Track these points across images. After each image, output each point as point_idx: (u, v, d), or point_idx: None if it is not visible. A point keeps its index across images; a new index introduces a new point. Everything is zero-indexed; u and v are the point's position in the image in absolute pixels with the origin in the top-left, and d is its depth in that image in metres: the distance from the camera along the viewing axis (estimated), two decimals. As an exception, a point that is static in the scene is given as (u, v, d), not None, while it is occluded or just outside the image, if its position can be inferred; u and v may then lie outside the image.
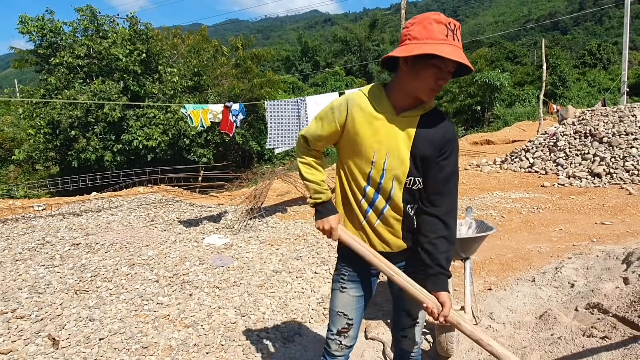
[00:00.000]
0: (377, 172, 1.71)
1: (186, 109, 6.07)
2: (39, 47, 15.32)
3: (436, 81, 1.58)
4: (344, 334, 1.92)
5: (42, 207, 7.48)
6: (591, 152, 9.88)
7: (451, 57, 1.50)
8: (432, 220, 1.71)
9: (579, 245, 5.05)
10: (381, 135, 1.67)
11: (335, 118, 1.73)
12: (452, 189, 1.74)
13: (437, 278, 1.69)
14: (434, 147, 1.68)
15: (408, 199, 1.74)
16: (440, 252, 1.69)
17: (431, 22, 1.55)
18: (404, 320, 1.97)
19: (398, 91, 1.68)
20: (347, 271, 1.90)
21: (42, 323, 3.35)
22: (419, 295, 1.70)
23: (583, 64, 42.51)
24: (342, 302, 1.91)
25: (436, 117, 1.71)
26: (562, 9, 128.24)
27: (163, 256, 4.85)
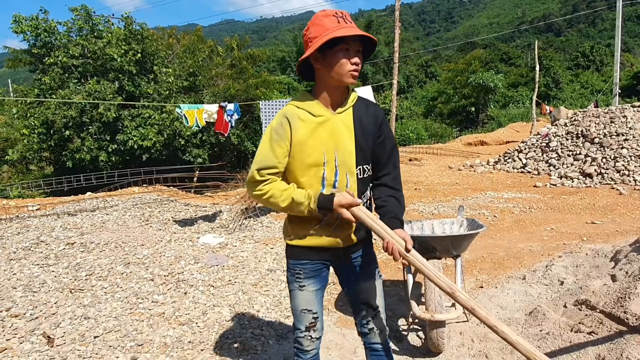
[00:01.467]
0: (330, 171, 1.78)
1: (181, 109, 6.09)
2: (33, 46, 15.22)
3: (350, 62, 1.70)
4: (312, 329, 1.97)
5: (36, 207, 7.47)
6: (583, 153, 9.99)
7: (348, 33, 1.65)
8: (382, 188, 1.88)
9: (569, 244, 5.12)
10: (326, 135, 1.77)
11: (282, 137, 1.75)
12: (395, 161, 1.90)
13: (392, 220, 1.79)
14: (372, 131, 1.84)
15: (362, 189, 1.86)
16: (393, 206, 1.83)
17: (321, 19, 1.72)
18: (366, 312, 1.98)
19: (324, 91, 1.80)
20: (301, 269, 1.93)
21: (37, 321, 3.36)
22: (380, 231, 1.74)
23: (576, 66, 42.80)
24: (304, 299, 1.95)
25: (364, 105, 1.87)
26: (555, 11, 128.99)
27: (158, 255, 4.88)
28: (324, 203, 1.73)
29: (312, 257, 1.91)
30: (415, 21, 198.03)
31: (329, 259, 1.95)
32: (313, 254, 1.90)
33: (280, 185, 1.78)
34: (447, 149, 18.15)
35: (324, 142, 1.77)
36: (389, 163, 1.88)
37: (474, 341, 3.08)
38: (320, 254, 1.91)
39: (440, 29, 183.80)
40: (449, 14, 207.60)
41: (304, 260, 1.92)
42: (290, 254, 1.96)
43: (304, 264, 1.92)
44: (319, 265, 1.94)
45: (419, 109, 34.98)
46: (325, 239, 1.86)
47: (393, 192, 1.87)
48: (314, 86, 1.84)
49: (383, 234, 1.73)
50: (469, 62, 32.59)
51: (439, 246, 3.04)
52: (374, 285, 1.98)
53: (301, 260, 1.92)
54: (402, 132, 24.89)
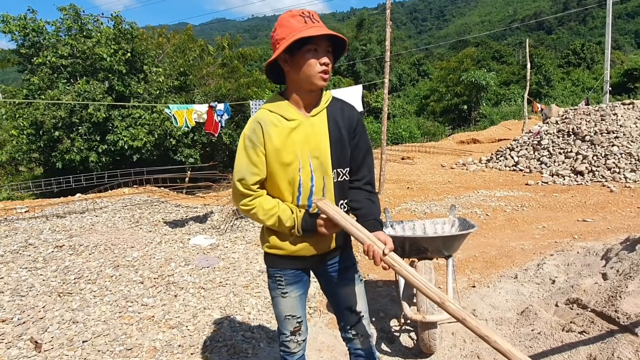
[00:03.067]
0: (306, 175, 1.74)
1: (170, 110, 6.03)
2: (21, 46, 15.09)
3: (319, 63, 1.66)
4: (297, 333, 1.97)
5: (25, 209, 7.37)
6: (574, 151, 10.05)
7: (315, 33, 1.60)
8: (357, 191, 1.84)
9: (561, 242, 5.13)
10: (300, 139, 1.73)
11: (255, 144, 1.72)
12: (370, 163, 1.87)
13: (371, 223, 1.76)
14: (347, 132, 1.80)
15: (339, 194, 1.81)
16: (369, 207, 1.80)
17: (287, 19, 1.67)
18: (349, 317, 1.95)
19: (296, 94, 1.75)
20: (281, 276, 1.91)
21: (24, 326, 3.31)
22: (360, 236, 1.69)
23: (567, 64, 43.12)
24: (287, 306, 1.93)
25: (339, 106, 1.83)
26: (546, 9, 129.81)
27: (148, 257, 4.82)
28: (307, 226, 1.74)
29: (291, 265, 1.89)
30: (407, 19, 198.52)
31: (308, 266, 1.93)
32: (291, 262, 1.87)
33: (266, 202, 1.75)
34: (439, 147, 18.20)
35: (298, 147, 1.72)
36: (363, 166, 1.85)
37: (466, 342, 3.07)
38: (299, 262, 1.88)
39: (432, 27, 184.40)
40: (441, 12, 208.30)
41: (283, 268, 1.89)
42: (269, 262, 1.93)
43: (284, 271, 1.90)
44: (299, 272, 1.92)
45: (412, 107, 35.05)
46: (303, 247, 1.82)
47: (368, 195, 1.84)
48: (285, 88, 1.80)
49: (363, 237, 1.69)
50: (461, 60, 32.69)
51: (430, 247, 3.03)
52: (355, 290, 1.95)
53: (280, 268, 1.90)
54: (394, 130, 24.93)
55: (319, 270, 1.96)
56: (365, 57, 37.71)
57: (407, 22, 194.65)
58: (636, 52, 74.80)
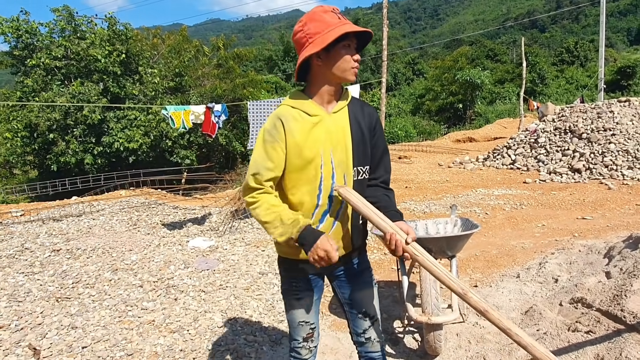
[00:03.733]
0: (327, 172, 1.72)
1: (167, 111, 5.98)
2: (15, 48, 14.98)
3: (352, 58, 1.70)
4: (310, 339, 1.94)
5: (20, 213, 7.30)
6: (571, 148, 10.07)
7: (353, 29, 1.64)
8: (374, 188, 1.84)
9: (561, 241, 5.13)
10: (322, 135, 1.70)
11: (276, 139, 1.68)
12: (387, 161, 1.88)
13: (394, 214, 1.74)
14: (368, 130, 1.80)
15: (359, 192, 1.78)
16: (388, 202, 1.80)
17: (321, 15, 1.67)
18: (362, 322, 1.91)
19: (319, 90, 1.74)
20: (296, 282, 1.88)
21: (22, 332, 3.26)
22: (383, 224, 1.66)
23: (561, 62, 43.33)
24: (301, 311, 1.90)
25: (359, 105, 1.84)
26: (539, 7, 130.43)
27: (147, 260, 4.77)
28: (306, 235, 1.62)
29: (307, 270, 1.85)
30: (401, 19, 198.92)
31: (324, 270, 1.87)
32: (307, 267, 1.82)
33: (272, 199, 1.69)
34: (436, 146, 18.22)
35: (320, 143, 1.70)
36: (380, 166, 1.85)
37: (471, 342, 3.05)
38: (312, 267, 1.81)
39: (427, 27, 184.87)
40: (435, 11, 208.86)
41: (297, 274, 1.86)
42: (284, 267, 1.90)
43: (299, 280, 1.87)
44: (315, 277, 1.89)
45: (407, 106, 35.09)
46: None
47: (385, 191, 1.84)
48: (308, 85, 1.77)
49: (385, 226, 1.64)
50: (456, 59, 32.76)
51: (434, 247, 2.99)
52: (370, 294, 1.92)
53: (294, 273, 1.87)
54: (390, 129, 24.95)
55: (334, 273, 1.91)
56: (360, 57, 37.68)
57: (402, 21, 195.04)
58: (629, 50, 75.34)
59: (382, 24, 9.87)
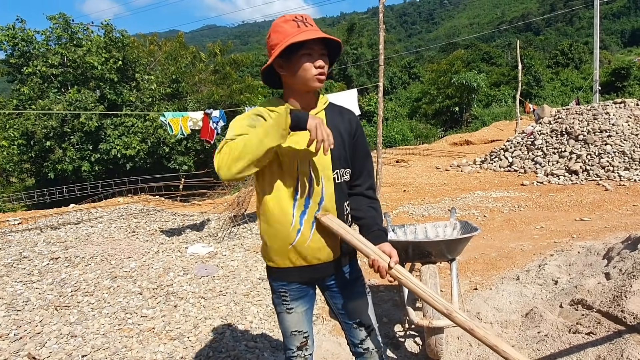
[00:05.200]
0: (303, 176, 1.70)
1: (165, 117, 5.98)
2: (11, 56, 15.00)
3: (314, 66, 1.66)
4: (304, 348, 1.91)
5: (18, 221, 7.27)
6: (568, 150, 10.10)
7: (308, 37, 1.61)
8: (358, 197, 1.83)
9: (560, 242, 5.14)
10: (298, 140, 1.69)
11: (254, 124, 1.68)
12: (370, 167, 1.87)
13: (376, 233, 1.75)
14: (347, 134, 1.79)
15: (339, 195, 1.76)
16: (376, 217, 1.80)
17: (281, 25, 1.68)
18: (358, 333, 1.89)
19: (292, 97, 1.75)
20: (286, 291, 1.85)
21: (21, 342, 3.24)
22: (366, 250, 1.67)
23: (556, 64, 43.55)
24: (293, 322, 1.88)
25: (336, 109, 1.84)
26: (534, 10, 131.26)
27: (146, 267, 4.76)
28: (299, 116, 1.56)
29: (296, 278, 1.82)
30: (397, 23, 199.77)
31: (314, 277, 1.85)
32: (294, 276, 1.81)
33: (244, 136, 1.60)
34: (433, 149, 18.25)
35: (297, 146, 1.69)
36: (363, 171, 1.84)
37: (472, 345, 3.04)
38: (302, 275, 1.81)
39: (422, 30, 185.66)
40: (430, 15, 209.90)
41: (286, 282, 1.83)
42: (272, 277, 1.88)
43: (289, 285, 1.84)
44: (304, 286, 1.86)
45: (404, 110, 35.17)
46: (304, 257, 1.75)
47: (370, 202, 1.83)
48: (283, 92, 1.80)
49: (368, 251, 1.66)
50: (452, 63, 32.93)
51: (434, 251, 3.00)
52: (364, 303, 1.89)
53: (284, 282, 1.84)
54: (387, 133, 24.98)
55: (324, 284, 1.88)
56: (357, 61, 37.85)
57: (397, 25, 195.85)
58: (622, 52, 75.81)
59: (379, 29, 9.91)
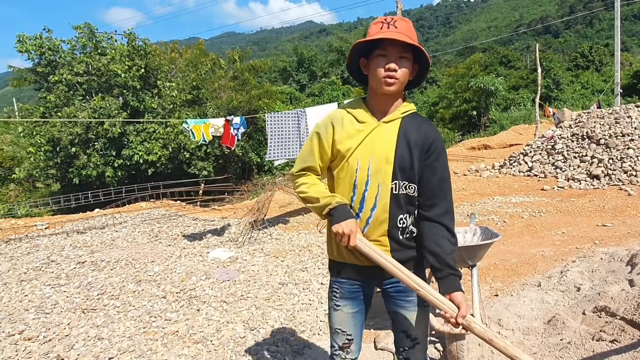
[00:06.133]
0: (361, 180, 1.73)
1: (188, 124, 6.11)
2: (38, 65, 15.41)
3: (385, 68, 1.65)
4: (346, 349, 1.93)
5: (45, 226, 7.48)
6: (589, 154, 9.94)
7: (381, 37, 1.61)
8: (431, 224, 1.73)
9: (582, 248, 5.07)
10: (364, 143, 1.73)
11: (322, 137, 1.79)
12: (446, 190, 1.75)
13: (448, 279, 1.68)
14: (419, 149, 1.71)
15: (395, 208, 1.73)
16: (446, 253, 1.68)
17: (370, 27, 1.71)
18: (403, 341, 1.91)
19: (372, 98, 1.78)
20: (338, 288, 1.89)
21: (50, 344, 3.35)
22: (439, 305, 1.67)
23: (576, 67, 42.80)
24: (337, 319, 1.91)
25: (416, 120, 1.78)
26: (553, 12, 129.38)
27: (169, 272, 4.86)
28: (337, 211, 1.69)
29: (348, 275, 1.85)
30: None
31: (367, 279, 1.86)
32: (348, 271, 1.84)
33: (312, 179, 1.82)
34: (450, 154, 18.11)
35: (361, 149, 1.73)
36: (438, 194, 1.73)
37: (494, 352, 3.04)
38: (356, 273, 1.84)
39: (439, 35, 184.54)
40: (447, 19, 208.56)
41: (341, 278, 1.87)
42: (330, 270, 1.94)
43: (341, 282, 1.87)
44: (356, 286, 1.87)
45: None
46: (356, 255, 1.78)
47: (445, 232, 1.71)
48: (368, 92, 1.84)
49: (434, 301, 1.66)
50: (469, 66, 32.61)
51: (454, 257, 3.01)
52: (414, 314, 1.85)
53: (339, 278, 1.88)
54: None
55: (382, 286, 1.89)
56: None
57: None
58: (645, 53, 74.08)
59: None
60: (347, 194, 1.76)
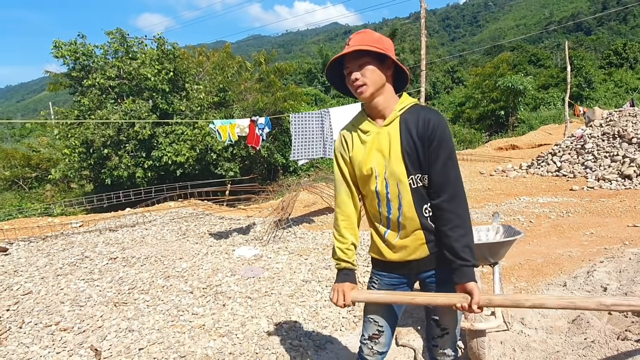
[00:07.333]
0: (381, 184, 1.82)
1: (214, 125, 6.26)
2: (72, 70, 15.91)
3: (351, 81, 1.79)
4: (374, 340, 1.97)
5: (79, 224, 7.77)
6: (620, 154, 9.68)
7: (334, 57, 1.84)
8: (440, 213, 1.76)
9: (611, 249, 4.96)
10: (373, 149, 1.82)
11: (341, 155, 1.93)
12: (451, 174, 1.75)
13: (459, 271, 1.73)
14: (421, 138, 1.75)
15: (419, 199, 1.80)
16: (457, 242, 1.71)
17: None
18: (433, 329, 1.97)
19: (367, 108, 1.88)
20: (378, 279, 1.97)
21: (84, 335, 3.49)
22: (447, 301, 1.75)
23: (609, 64, 41.45)
24: (372, 308, 1.97)
25: (416, 111, 1.80)
26: (584, 9, 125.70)
27: (196, 268, 4.99)
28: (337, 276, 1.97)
29: (387, 268, 1.96)
30: (439, 27, 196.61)
31: (405, 274, 1.94)
32: (387, 266, 1.95)
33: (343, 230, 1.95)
34: (477, 154, 17.86)
35: (373, 156, 1.82)
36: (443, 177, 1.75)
37: (516, 350, 3.03)
38: (395, 268, 1.93)
39: (466, 34, 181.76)
40: (474, 18, 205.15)
41: (380, 271, 1.98)
42: (373, 265, 2.04)
43: (381, 275, 1.97)
44: (396, 280, 1.95)
45: (447, 115, 34.54)
46: (396, 254, 1.88)
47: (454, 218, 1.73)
48: None
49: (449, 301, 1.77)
50: (497, 66, 32.05)
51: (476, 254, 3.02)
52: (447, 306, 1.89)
53: (379, 271, 1.99)
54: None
55: (420, 280, 1.96)
56: (399, 67, 37.44)
57: (440, 29, 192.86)
58: (683, 50, 71.04)
59: (421, 34, 9.91)
60: (374, 202, 1.87)
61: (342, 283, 1.92)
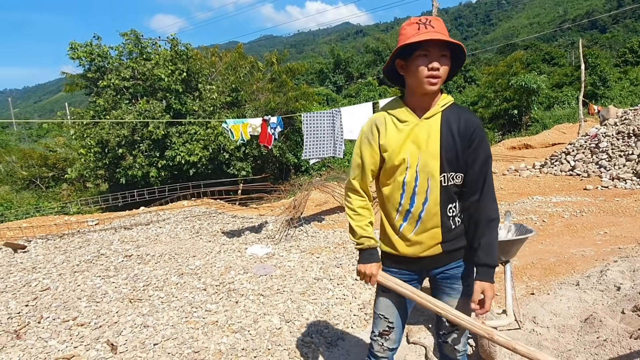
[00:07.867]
0: (411, 176, 1.78)
1: (227, 124, 6.33)
2: (88, 71, 16.16)
3: (428, 68, 1.68)
4: (385, 336, 1.99)
5: (95, 222, 7.90)
6: (635, 153, 9.54)
7: (422, 38, 1.64)
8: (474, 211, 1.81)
9: (625, 249, 4.92)
10: (410, 140, 1.78)
11: (370, 141, 1.85)
12: (488, 176, 1.80)
13: (483, 269, 1.79)
14: (462, 138, 1.76)
15: (446, 198, 1.79)
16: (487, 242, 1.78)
17: (404, 27, 1.74)
18: (443, 325, 1.98)
19: (411, 97, 1.81)
20: (390, 275, 1.96)
21: (100, 330, 3.56)
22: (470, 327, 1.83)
23: (624, 63, 40.76)
24: (383, 304, 1.98)
25: (456, 111, 1.81)
26: (599, 7, 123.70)
27: (209, 266, 5.06)
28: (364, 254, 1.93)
29: (401, 266, 1.94)
30: (452, 26, 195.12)
31: (417, 270, 1.94)
32: (399, 261, 1.93)
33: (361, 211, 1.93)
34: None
35: (407, 147, 1.78)
36: (479, 177, 1.78)
37: (527, 348, 3.03)
38: (407, 263, 1.92)
39: (478, 32, 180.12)
40: (487, 16, 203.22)
41: (391, 267, 1.96)
42: (383, 259, 2.01)
43: (392, 272, 1.95)
44: (407, 276, 1.95)
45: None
46: (409, 248, 1.87)
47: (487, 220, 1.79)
48: (405, 92, 1.87)
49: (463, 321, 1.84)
50: (510, 64, 31.71)
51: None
52: (455, 300, 1.93)
53: (390, 267, 1.96)
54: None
55: (430, 276, 1.97)
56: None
57: (452, 28, 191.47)
58: (702, 47, 69.52)
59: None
60: (396, 193, 1.82)
61: (369, 264, 1.90)
